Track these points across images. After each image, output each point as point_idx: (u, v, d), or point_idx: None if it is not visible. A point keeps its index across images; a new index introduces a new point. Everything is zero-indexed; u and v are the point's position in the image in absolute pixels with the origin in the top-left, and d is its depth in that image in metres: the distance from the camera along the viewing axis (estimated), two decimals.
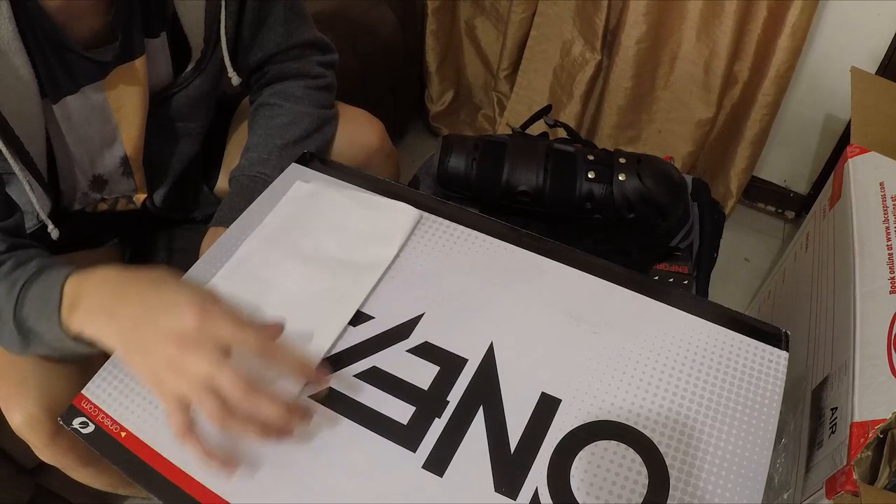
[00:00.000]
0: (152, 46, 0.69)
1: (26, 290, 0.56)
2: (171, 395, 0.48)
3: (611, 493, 0.49)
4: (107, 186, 0.78)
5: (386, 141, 0.88)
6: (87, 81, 0.66)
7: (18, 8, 0.57)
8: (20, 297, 0.56)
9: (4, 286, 0.57)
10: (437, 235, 0.65)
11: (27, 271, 0.57)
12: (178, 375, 0.48)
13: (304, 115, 0.79)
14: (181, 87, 0.74)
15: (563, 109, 1.47)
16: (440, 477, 0.49)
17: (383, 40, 1.38)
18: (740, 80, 1.32)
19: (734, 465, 0.50)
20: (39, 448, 0.67)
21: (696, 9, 1.25)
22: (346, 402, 0.53)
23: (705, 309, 0.59)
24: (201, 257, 0.64)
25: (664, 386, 0.54)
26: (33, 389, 0.64)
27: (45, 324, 0.55)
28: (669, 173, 0.82)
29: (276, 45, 0.78)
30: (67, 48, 0.62)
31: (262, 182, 0.73)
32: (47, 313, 0.55)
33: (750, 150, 1.38)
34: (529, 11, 1.42)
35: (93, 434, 0.53)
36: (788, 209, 1.54)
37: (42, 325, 0.56)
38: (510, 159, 0.82)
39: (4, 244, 0.60)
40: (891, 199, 0.78)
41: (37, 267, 0.58)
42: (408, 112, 1.66)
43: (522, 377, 0.55)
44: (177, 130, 0.78)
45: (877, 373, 0.63)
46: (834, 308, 0.76)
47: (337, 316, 0.58)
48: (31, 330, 0.57)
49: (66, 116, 0.67)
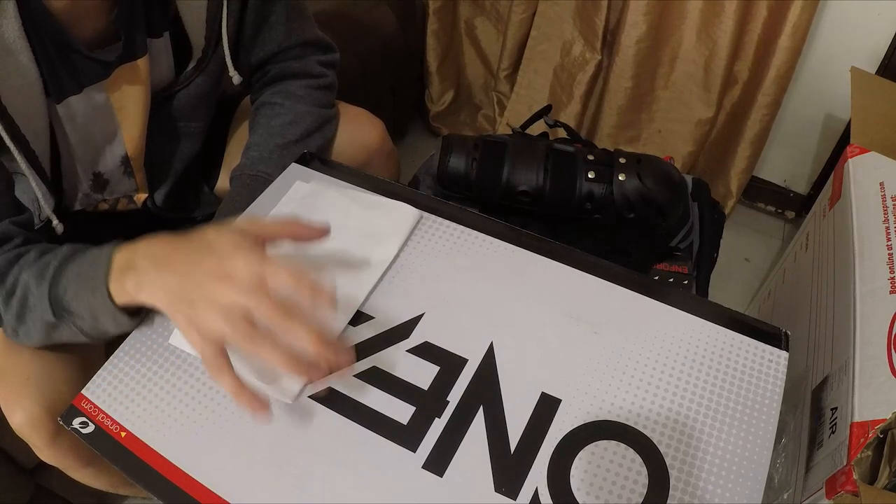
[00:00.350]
0: (155, 46, 0.69)
1: (63, 269, 0.56)
2: (208, 333, 0.49)
3: (611, 493, 0.49)
4: (108, 186, 0.78)
5: (386, 140, 0.88)
6: (91, 81, 0.66)
7: (24, 8, 0.57)
8: (55, 277, 0.56)
9: (34, 270, 0.57)
10: (437, 235, 0.65)
11: (59, 255, 0.57)
12: (212, 307, 0.48)
13: (305, 114, 0.80)
14: (182, 86, 0.74)
15: (563, 109, 1.47)
16: (440, 477, 0.49)
17: (383, 40, 1.38)
18: (740, 80, 1.32)
19: (734, 465, 0.50)
20: (40, 448, 0.67)
21: (696, 9, 1.25)
22: (346, 402, 0.53)
23: (705, 309, 0.59)
24: None
25: (664, 386, 0.54)
26: (34, 389, 0.64)
27: (89, 297, 0.55)
28: (669, 173, 0.82)
29: (277, 45, 0.78)
30: (72, 48, 0.62)
31: (263, 181, 0.73)
32: (93, 284, 0.54)
33: (750, 150, 1.38)
34: (529, 11, 1.42)
35: (93, 434, 0.53)
36: (788, 209, 1.54)
37: (82, 301, 0.55)
38: (510, 159, 0.82)
39: (21, 237, 0.60)
40: (891, 199, 0.78)
41: (71, 250, 0.57)
42: (408, 112, 1.66)
43: (522, 377, 0.55)
44: (178, 130, 0.79)
45: (877, 373, 0.63)
46: (834, 308, 0.76)
47: (337, 316, 0.58)
48: (67, 308, 0.56)
49: (70, 116, 0.67)
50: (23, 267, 0.57)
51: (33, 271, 0.57)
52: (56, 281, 0.56)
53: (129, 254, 0.55)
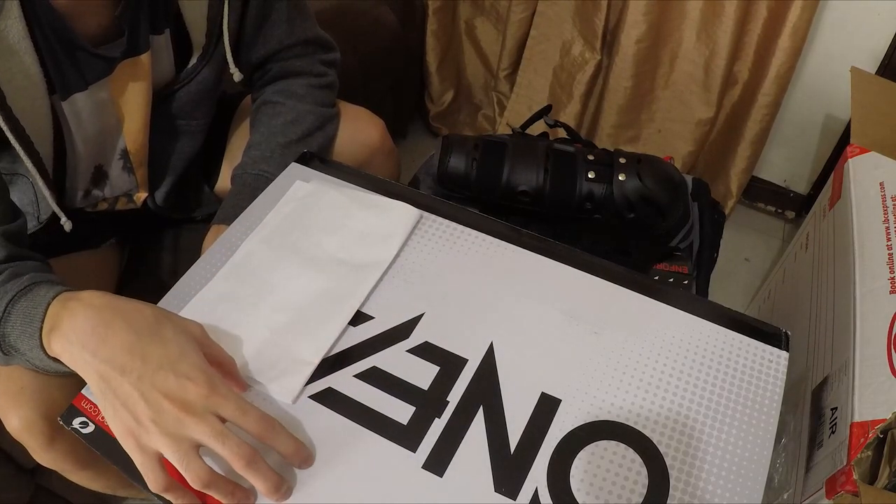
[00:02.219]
0: (156, 43, 0.70)
1: (13, 305, 0.53)
2: (152, 452, 0.46)
3: (611, 493, 0.49)
4: (108, 182, 0.78)
5: (387, 139, 0.88)
6: (96, 78, 0.66)
7: (28, 7, 0.57)
8: (6, 311, 0.53)
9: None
10: (437, 235, 0.65)
11: (19, 284, 0.54)
12: (167, 435, 0.45)
13: (306, 113, 0.79)
14: (183, 84, 0.74)
15: (563, 109, 1.47)
16: (440, 477, 0.49)
17: (383, 40, 1.38)
18: (740, 80, 1.32)
19: (734, 465, 0.50)
20: (37, 452, 0.67)
21: (696, 9, 1.25)
22: (346, 402, 0.53)
23: (705, 309, 0.59)
24: (202, 256, 0.64)
25: (664, 386, 0.54)
26: (30, 395, 0.64)
27: (27, 342, 0.52)
28: (669, 173, 0.82)
29: (279, 43, 0.78)
30: (77, 45, 0.62)
31: (264, 180, 0.73)
32: (29, 332, 0.52)
33: (750, 150, 1.38)
34: (529, 11, 1.42)
35: (93, 434, 0.53)
36: (788, 209, 1.54)
37: (23, 343, 0.53)
38: (510, 159, 0.82)
39: (4, 251, 0.58)
40: (891, 199, 0.78)
41: (29, 281, 0.54)
42: (408, 112, 1.66)
43: (522, 377, 0.55)
44: (178, 128, 0.78)
45: (877, 373, 0.63)
46: (834, 308, 0.76)
47: (337, 316, 0.58)
48: (13, 346, 0.54)
49: (76, 113, 0.67)
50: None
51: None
52: (6, 317, 0.53)
53: (58, 311, 0.50)
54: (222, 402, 0.46)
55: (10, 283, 0.55)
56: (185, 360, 0.47)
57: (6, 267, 0.57)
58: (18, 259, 0.59)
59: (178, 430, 0.45)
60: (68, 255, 0.79)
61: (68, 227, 0.69)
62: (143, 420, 0.46)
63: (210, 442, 0.45)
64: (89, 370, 0.48)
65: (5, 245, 0.58)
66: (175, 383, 0.46)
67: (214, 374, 0.48)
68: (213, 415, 0.46)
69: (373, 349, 0.56)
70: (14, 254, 0.58)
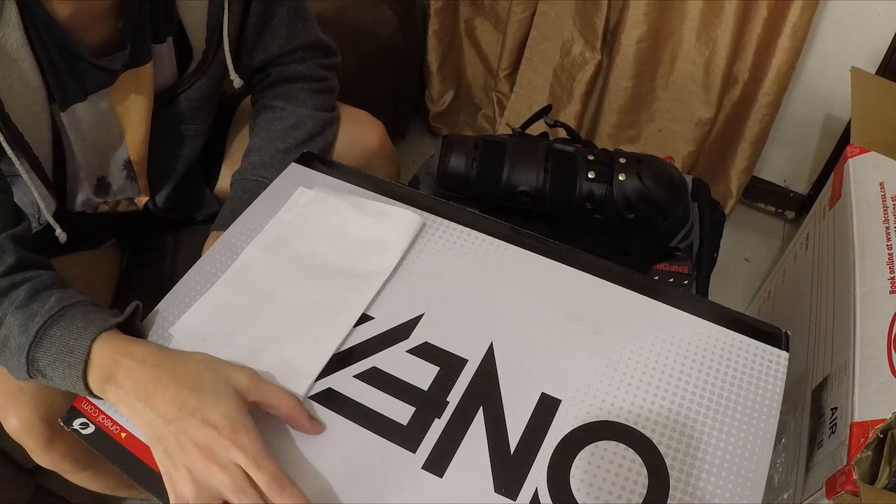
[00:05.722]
0: (158, 52, 0.69)
1: (45, 332, 0.53)
2: (181, 496, 0.48)
3: (611, 493, 0.49)
4: (111, 190, 0.78)
5: (386, 142, 0.88)
6: (96, 89, 0.66)
7: (27, 16, 0.57)
8: (38, 337, 0.53)
9: (20, 317, 0.54)
10: (438, 235, 0.65)
11: (46, 307, 0.54)
12: (194, 482, 0.47)
13: (306, 118, 0.79)
14: (184, 89, 0.74)
15: (563, 109, 1.47)
16: (440, 477, 0.49)
17: (383, 40, 1.38)
18: (740, 80, 1.32)
19: (734, 465, 0.50)
20: (36, 452, 0.67)
21: (696, 9, 1.25)
22: (346, 403, 0.53)
23: (705, 309, 0.59)
24: (202, 258, 0.64)
25: (664, 386, 0.54)
26: (29, 397, 0.64)
27: (62, 372, 0.53)
28: (669, 173, 0.82)
29: (279, 48, 0.78)
30: (77, 56, 0.62)
31: (263, 186, 0.73)
32: (69, 370, 0.53)
33: (750, 150, 1.38)
34: (529, 11, 1.42)
35: (93, 435, 0.53)
36: (788, 209, 1.54)
37: (57, 374, 0.53)
38: (510, 159, 0.82)
39: (14, 256, 0.57)
40: (891, 199, 0.78)
41: (58, 305, 0.55)
42: (408, 112, 1.66)
43: (522, 377, 0.55)
44: (179, 132, 0.78)
45: (877, 373, 0.63)
46: (834, 308, 0.76)
47: (337, 327, 0.57)
48: (43, 372, 0.54)
49: (75, 123, 0.67)
50: (10, 306, 0.55)
51: (18, 318, 0.54)
52: (37, 343, 0.54)
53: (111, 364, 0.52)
54: (238, 453, 0.47)
55: (35, 303, 0.55)
56: (216, 409, 0.49)
57: (22, 278, 0.57)
58: (30, 266, 0.59)
59: (205, 479, 0.47)
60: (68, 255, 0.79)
61: (63, 238, 0.69)
62: (179, 466, 0.48)
63: (228, 495, 0.47)
64: (142, 419, 0.51)
65: (14, 249, 0.58)
66: (203, 432, 0.48)
67: (243, 422, 0.49)
68: (236, 465, 0.47)
69: (373, 349, 0.56)
70: (24, 259, 0.58)
